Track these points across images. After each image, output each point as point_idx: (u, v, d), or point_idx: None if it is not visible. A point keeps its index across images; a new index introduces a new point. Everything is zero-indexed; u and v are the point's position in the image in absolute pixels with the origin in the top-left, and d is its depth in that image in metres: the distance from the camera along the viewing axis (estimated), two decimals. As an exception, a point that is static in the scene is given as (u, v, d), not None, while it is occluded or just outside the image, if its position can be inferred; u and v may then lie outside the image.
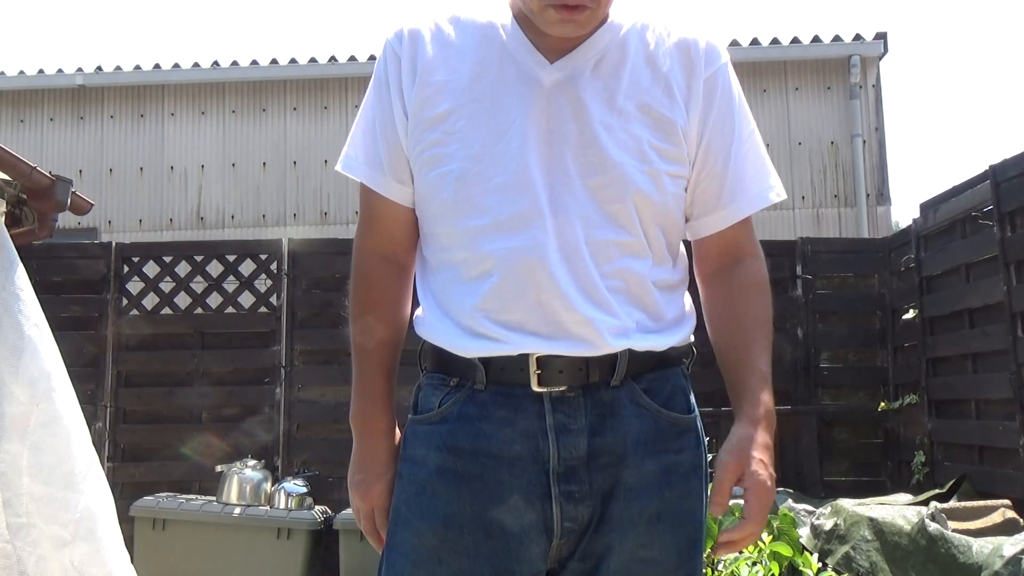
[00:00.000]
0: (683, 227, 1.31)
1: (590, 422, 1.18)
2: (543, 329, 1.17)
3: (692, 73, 1.26)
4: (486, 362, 1.19)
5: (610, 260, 1.19)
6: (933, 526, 3.36)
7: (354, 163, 1.32)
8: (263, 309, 5.21)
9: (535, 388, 1.17)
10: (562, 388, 1.18)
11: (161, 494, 4.57)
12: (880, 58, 8.64)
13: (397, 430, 1.33)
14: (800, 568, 3.31)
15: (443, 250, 1.25)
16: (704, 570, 3.27)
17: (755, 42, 8.52)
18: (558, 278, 1.17)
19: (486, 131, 1.20)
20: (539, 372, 1.17)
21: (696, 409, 1.28)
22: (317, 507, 4.53)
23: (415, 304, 1.34)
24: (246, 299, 5.26)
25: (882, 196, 8.43)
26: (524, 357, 1.17)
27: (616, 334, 1.18)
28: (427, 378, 1.28)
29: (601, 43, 1.25)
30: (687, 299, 1.32)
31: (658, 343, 1.22)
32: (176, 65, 8.80)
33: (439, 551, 1.19)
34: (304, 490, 4.53)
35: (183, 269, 5.26)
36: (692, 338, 1.30)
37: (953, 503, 3.84)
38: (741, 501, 1.22)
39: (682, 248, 1.34)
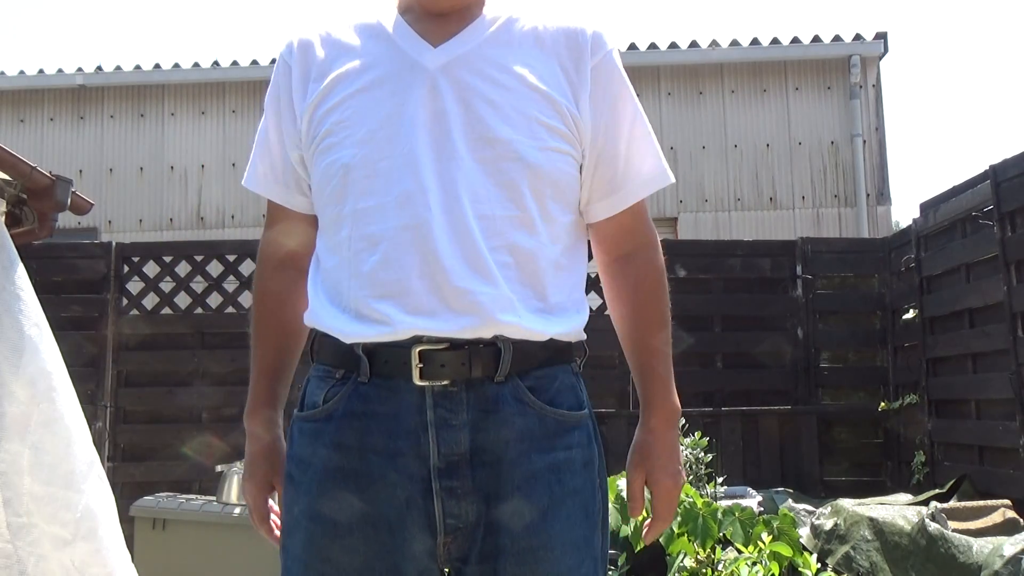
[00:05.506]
0: (578, 207, 1.31)
1: (472, 418, 1.17)
2: (426, 305, 1.16)
3: (580, 60, 1.27)
4: (370, 353, 1.18)
5: (499, 235, 1.19)
6: (933, 526, 3.37)
7: (254, 178, 1.38)
8: (263, 309, 5.20)
9: (417, 382, 1.16)
10: (444, 382, 1.17)
11: (161, 494, 4.56)
12: (880, 58, 8.64)
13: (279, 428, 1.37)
14: (800, 568, 3.31)
15: (333, 236, 1.25)
16: (704, 570, 3.27)
17: (755, 42, 8.49)
18: (442, 253, 1.16)
19: (373, 117, 1.22)
20: (421, 365, 1.16)
21: (588, 406, 1.28)
22: (317, 507, 4.52)
23: None
24: (246, 299, 5.26)
25: (882, 196, 8.43)
26: (407, 350, 1.16)
27: (501, 308, 1.17)
28: (314, 370, 1.28)
29: (485, 28, 1.28)
30: (581, 292, 1.30)
31: (543, 327, 1.20)
32: (176, 65, 8.79)
33: (329, 550, 1.19)
34: (304, 490, 4.52)
35: (183, 269, 5.26)
36: (584, 335, 1.29)
37: (953, 503, 3.85)
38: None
39: (585, 241, 1.35)
